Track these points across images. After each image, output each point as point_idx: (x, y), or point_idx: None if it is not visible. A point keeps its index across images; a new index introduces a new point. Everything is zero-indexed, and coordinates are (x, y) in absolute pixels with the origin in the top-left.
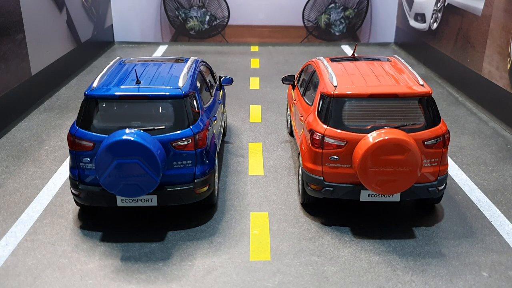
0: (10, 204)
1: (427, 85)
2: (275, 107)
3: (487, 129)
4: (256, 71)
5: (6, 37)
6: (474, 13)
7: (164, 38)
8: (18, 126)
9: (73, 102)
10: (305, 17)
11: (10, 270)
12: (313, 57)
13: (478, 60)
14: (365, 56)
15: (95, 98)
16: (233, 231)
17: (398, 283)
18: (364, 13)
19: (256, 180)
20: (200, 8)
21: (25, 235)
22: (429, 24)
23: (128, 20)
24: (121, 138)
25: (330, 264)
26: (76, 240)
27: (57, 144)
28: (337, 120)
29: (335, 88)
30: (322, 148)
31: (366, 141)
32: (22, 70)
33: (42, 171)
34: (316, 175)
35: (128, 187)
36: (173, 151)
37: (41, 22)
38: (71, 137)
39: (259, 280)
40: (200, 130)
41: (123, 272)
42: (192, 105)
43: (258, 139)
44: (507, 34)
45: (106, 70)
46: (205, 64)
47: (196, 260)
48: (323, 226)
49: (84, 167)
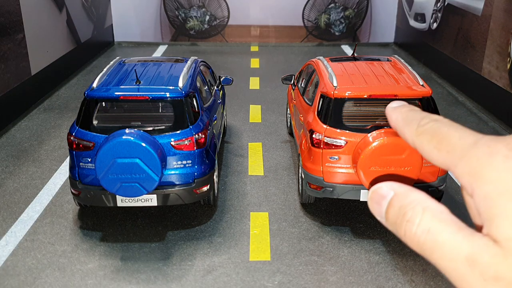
0: (10, 204)
1: (427, 86)
2: (275, 107)
3: (487, 129)
4: (256, 71)
5: (6, 37)
6: (474, 13)
7: (164, 38)
8: (18, 126)
9: (73, 102)
10: (305, 17)
11: (10, 270)
12: (313, 57)
13: (478, 60)
14: (365, 56)
15: (95, 98)
16: (233, 231)
17: (398, 283)
18: (364, 13)
19: (256, 180)
20: (200, 8)
21: (25, 235)
22: (429, 24)
23: (128, 20)
24: (121, 138)
25: (330, 264)
26: (76, 240)
27: (57, 144)
28: (337, 120)
29: (335, 88)
30: (322, 148)
31: (366, 141)
32: (22, 70)
33: (42, 171)
34: (316, 175)
35: (128, 187)
36: (173, 151)
37: (41, 22)
38: (71, 137)
39: (259, 280)
40: (200, 130)
41: (123, 272)
42: (192, 105)
43: (258, 139)
44: (507, 34)
45: (106, 70)
46: (205, 64)
47: (196, 260)
48: (323, 226)
49: (84, 167)
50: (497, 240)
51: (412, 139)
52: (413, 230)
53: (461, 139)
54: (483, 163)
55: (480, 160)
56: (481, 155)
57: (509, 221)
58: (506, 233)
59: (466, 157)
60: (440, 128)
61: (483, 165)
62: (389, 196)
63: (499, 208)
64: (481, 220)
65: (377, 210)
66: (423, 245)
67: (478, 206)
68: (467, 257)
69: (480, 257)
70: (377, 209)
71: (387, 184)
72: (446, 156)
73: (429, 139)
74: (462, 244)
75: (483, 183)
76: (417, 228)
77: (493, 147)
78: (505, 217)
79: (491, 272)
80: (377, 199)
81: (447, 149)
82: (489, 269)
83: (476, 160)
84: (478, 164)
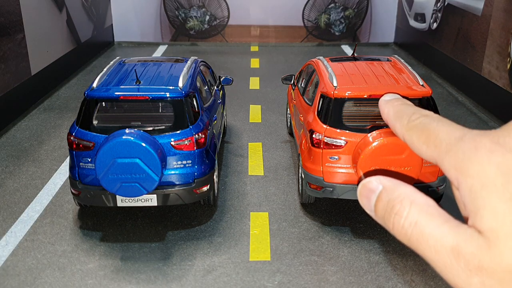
0: (10, 204)
1: (427, 85)
2: (275, 107)
3: (487, 129)
4: (256, 71)
5: (6, 37)
6: (474, 13)
7: (164, 38)
8: (18, 126)
9: (73, 102)
10: (305, 17)
11: (10, 270)
12: (313, 57)
13: (478, 60)
14: (365, 56)
15: (95, 98)
16: (233, 231)
17: (398, 283)
18: (364, 13)
19: (256, 180)
20: (200, 8)
21: (25, 235)
22: (429, 24)
23: (128, 20)
24: (121, 138)
25: (330, 264)
26: (76, 240)
27: (57, 144)
28: (337, 120)
29: (335, 88)
30: (322, 148)
31: (366, 141)
32: (22, 70)
33: (42, 171)
34: (316, 175)
35: (128, 187)
36: (173, 151)
37: (41, 22)
38: (71, 137)
39: (259, 280)
40: (200, 130)
41: (123, 272)
42: (192, 105)
43: (258, 139)
44: (507, 34)
45: (106, 70)
46: (205, 64)
47: (196, 260)
48: (323, 226)
49: (84, 167)
50: (481, 231)
51: (402, 134)
52: (401, 223)
53: (448, 133)
54: (468, 156)
55: (465, 154)
56: (466, 149)
57: (492, 213)
58: (490, 224)
59: (452, 151)
60: (429, 124)
61: (468, 159)
62: (377, 190)
63: (483, 200)
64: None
65: (366, 204)
66: (410, 237)
67: (464, 199)
68: (452, 248)
69: (464, 248)
70: (367, 203)
71: (376, 178)
72: (434, 150)
73: (418, 134)
74: (447, 235)
75: (468, 177)
76: (404, 221)
77: (478, 141)
78: (489, 209)
79: (475, 262)
80: (366, 193)
81: (435, 143)
82: (473, 260)
83: (461, 154)
84: (463, 158)
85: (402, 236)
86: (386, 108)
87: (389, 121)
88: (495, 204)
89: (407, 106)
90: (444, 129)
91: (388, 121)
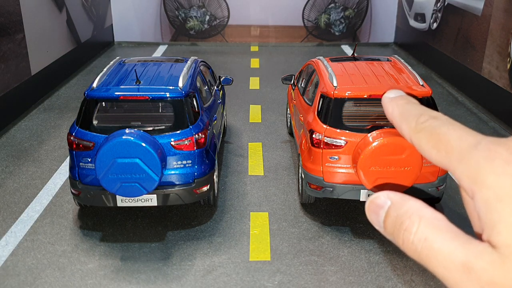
0: (10, 204)
1: (427, 85)
2: (275, 107)
3: (487, 129)
4: (256, 71)
5: (6, 37)
6: (474, 13)
7: (164, 38)
8: (18, 126)
9: (73, 102)
10: (305, 17)
11: (10, 270)
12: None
13: (478, 60)
14: (365, 56)
15: (95, 98)
16: (233, 231)
17: (398, 283)
18: (364, 13)
19: (256, 180)
20: (200, 8)
21: (25, 235)
22: (429, 24)
23: (128, 20)
24: (121, 138)
25: (330, 264)
26: (76, 240)
27: (57, 144)
28: (337, 120)
29: (335, 88)
30: (322, 148)
31: (366, 141)
32: (22, 70)
33: (42, 171)
34: (316, 175)
35: (128, 187)
36: (173, 151)
37: (41, 22)
38: (70, 137)
39: (259, 280)
40: (200, 130)
41: (123, 272)
42: (192, 105)
43: (258, 139)
44: (507, 34)
45: (106, 70)
46: (205, 64)
47: (196, 260)
48: (323, 226)
49: (84, 167)
50: (496, 246)
51: (410, 136)
52: (411, 239)
53: (461, 139)
54: (483, 167)
55: (480, 164)
56: (481, 159)
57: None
58: (506, 240)
59: (466, 159)
60: (439, 127)
61: (483, 169)
62: (386, 206)
63: (498, 214)
64: (481, 224)
65: (375, 220)
66: (420, 253)
67: (478, 210)
68: (463, 264)
69: (475, 264)
70: (375, 219)
71: (384, 193)
72: (445, 156)
73: (427, 137)
74: (457, 251)
75: (483, 188)
76: (414, 237)
77: (493, 150)
78: (505, 224)
79: (487, 278)
80: (375, 209)
81: (446, 149)
82: (485, 275)
83: (476, 163)
84: (478, 168)
85: (412, 252)
86: (390, 107)
87: (394, 121)
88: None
89: (413, 106)
90: (456, 134)
91: (393, 121)
